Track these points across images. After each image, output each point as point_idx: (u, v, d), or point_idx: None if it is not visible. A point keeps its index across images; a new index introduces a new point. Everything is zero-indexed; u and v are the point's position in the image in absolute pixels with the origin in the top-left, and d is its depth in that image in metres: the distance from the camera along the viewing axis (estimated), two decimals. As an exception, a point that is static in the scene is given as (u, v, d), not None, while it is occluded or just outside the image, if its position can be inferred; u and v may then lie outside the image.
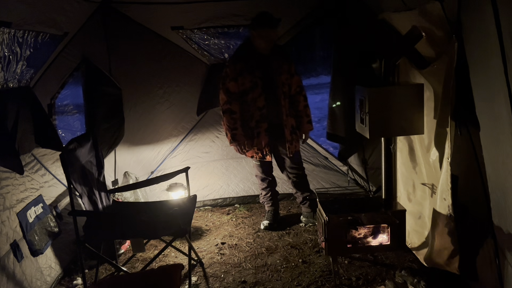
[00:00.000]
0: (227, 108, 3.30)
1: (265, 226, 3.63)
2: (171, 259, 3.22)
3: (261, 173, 3.62)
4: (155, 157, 4.15)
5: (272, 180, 3.68)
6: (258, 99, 3.27)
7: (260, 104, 3.27)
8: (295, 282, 2.79)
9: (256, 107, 3.28)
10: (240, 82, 3.26)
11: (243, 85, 3.27)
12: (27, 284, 2.48)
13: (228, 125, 3.33)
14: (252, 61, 3.25)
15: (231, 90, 3.29)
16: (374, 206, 2.90)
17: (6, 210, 2.46)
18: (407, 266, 2.83)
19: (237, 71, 3.26)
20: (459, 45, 2.02)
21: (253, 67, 3.25)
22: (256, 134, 3.33)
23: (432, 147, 2.58)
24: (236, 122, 3.31)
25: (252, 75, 3.24)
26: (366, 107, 2.66)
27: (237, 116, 3.30)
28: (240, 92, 3.29)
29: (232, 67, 3.27)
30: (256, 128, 3.32)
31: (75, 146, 2.57)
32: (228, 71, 3.28)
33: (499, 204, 1.95)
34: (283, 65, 3.31)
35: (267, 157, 3.43)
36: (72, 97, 3.45)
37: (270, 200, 3.70)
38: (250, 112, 3.31)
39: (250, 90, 3.26)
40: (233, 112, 3.30)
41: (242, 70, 3.25)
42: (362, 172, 3.96)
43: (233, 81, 3.27)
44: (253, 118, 3.31)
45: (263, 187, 3.68)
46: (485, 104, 1.95)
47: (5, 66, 2.31)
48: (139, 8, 3.44)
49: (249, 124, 3.34)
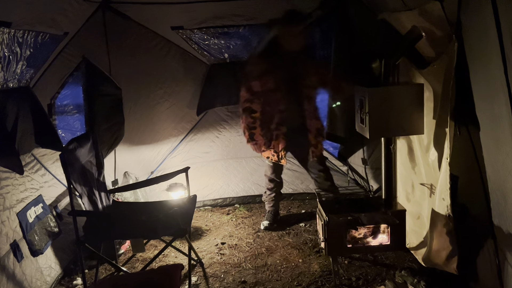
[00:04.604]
0: (247, 107, 3.22)
1: (265, 226, 3.63)
2: (171, 259, 3.22)
3: (270, 174, 3.59)
4: (155, 157, 4.15)
5: (280, 182, 3.67)
6: (280, 101, 3.17)
7: (281, 107, 3.18)
8: (295, 282, 2.79)
9: (277, 109, 3.19)
10: (264, 81, 3.15)
11: (266, 85, 3.15)
12: (27, 284, 2.48)
13: (247, 124, 3.25)
14: (278, 61, 3.11)
15: (253, 88, 3.17)
16: (374, 206, 2.89)
17: (6, 210, 2.46)
18: (407, 266, 2.83)
19: (262, 69, 3.14)
20: (459, 45, 2.02)
21: (278, 67, 3.11)
22: (275, 136, 3.26)
23: (431, 147, 2.58)
24: (255, 121, 3.22)
25: (277, 75, 3.12)
26: (366, 107, 2.66)
27: (257, 115, 3.21)
28: (263, 92, 3.18)
29: (257, 65, 3.16)
30: (275, 130, 3.24)
31: (75, 146, 2.57)
32: (252, 68, 3.17)
33: (499, 204, 1.95)
34: (309, 67, 3.17)
35: (282, 161, 3.37)
36: (72, 97, 3.44)
37: (272, 201, 3.69)
38: (271, 114, 3.22)
39: (273, 91, 3.15)
40: (253, 111, 3.21)
41: (267, 69, 3.13)
42: (362, 172, 3.96)
43: (256, 80, 3.15)
44: (273, 120, 3.22)
45: (269, 187, 3.66)
46: (485, 104, 1.95)
47: (5, 66, 2.31)
48: (139, 8, 3.44)
49: (269, 126, 3.25)
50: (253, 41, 3.87)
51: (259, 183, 4.25)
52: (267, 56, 3.16)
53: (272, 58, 3.13)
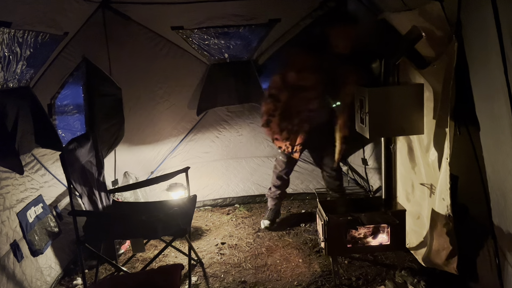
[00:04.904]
0: (274, 94, 3.14)
1: (266, 226, 3.63)
2: (171, 259, 3.22)
3: (280, 171, 3.55)
4: (155, 157, 4.15)
5: (287, 180, 3.65)
6: (312, 102, 3.09)
7: (311, 107, 3.10)
8: (295, 282, 2.79)
9: (306, 108, 3.11)
10: (302, 77, 3.03)
11: (303, 81, 3.03)
12: (27, 284, 2.48)
13: (268, 109, 3.18)
14: (324, 61, 2.99)
15: (288, 79, 3.08)
16: (374, 206, 2.90)
17: (6, 210, 2.46)
18: (407, 266, 2.83)
19: (304, 64, 3.03)
20: (459, 45, 2.02)
21: (321, 68, 3.00)
22: (295, 131, 3.22)
23: (431, 147, 2.58)
24: (277, 109, 3.14)
25: (317, 75, 3.00)
26: (366, 107, 2.66)
27: (281, 105, 3.12)
28: (296, 86, 3.05)
29: (301, 58, 3.06)
30: (297, 125, 3.19)
31: (75, 146, 2.57)
32: (295, 59, 3.08)
33: (499, 204, 1.95)
34: (351, 75, 2.96)
35: (295, 154, 3.34)
36: (72, 97, 3.43)
37: (277, 199, 3.67)
38: (298, 109, 3.14)
39: (308, 89, 3.04)
40: (278, 100, 3.13)
41: (310, 65, 3.01)
42: (362, 172, 3.96)
43: (295, 72, 3.05)
44: (298, 116, 3.16)
45: (276, 184, 3.63)
46: (485, 104, 1.95)
47: (5, 66, 2.31)
48: (139, 8, 3.44)
49: (292, 120, 3.17)
50: (253, 41, 3.87)
51: (259, 183, 4.26)
52: (314, 54, 3.05)
53: (317, 57, 3.03)
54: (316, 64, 3.00)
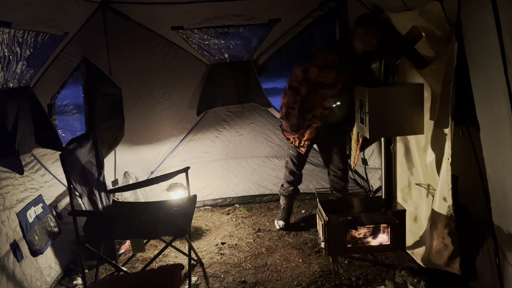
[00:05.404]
0: (295, 86, 3.11)
1: (281, 226, 3.60)
2: (171, 259, 3.22)
3: (292, 166, 3.53)
4: (155, 157, 4.15)
5: (300, 176, 3.62)
6: (329, 100, 3.09)
7: (327, 105, 3.10)
8: (295, 282, 2.79)
9: (322, 105, 3.12)
10: (323, 73, 3.02)
11: (323, 78, 3.02)
12: (27, 284, 2.48)
13: (287, 101, 3.16)
14: (346, 61, 3.00)
15: (309, 73, 3.04)
16: (374, 206, 2.90)
17: (6, 210, 2.46)
18: (407, 266, 2.82)
19: (326, 61, 3.02)
20: (459, 45, 2.02)
21: (343, 67, 3.00)
22: (306, 126, 3.22)
23: (428, 148, 2.58)
24: (296, 102, 3.12)
25: (338, 74, 3.01)
26: (366, 107, 2.66)
27: (300, 98, 3.11)
28: (316, 82, 3.05)
29: (324, 55, 3.05)
30: (309, 120, 3.19)
31: (75, 146, 2.57)
32: (318, 55, 3.07)
33: (499, 204, 1.95)
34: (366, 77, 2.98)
35: (301, 149, 3.33)
36: (72, 97, 3.44)
37: (290, 195, 3.64)
38: (313, 105, 3.14)
39: (326, 87, 3.05)
40: (298, 93, 3.11)
41: (332, 63, 3.01)
42: (362, 172, 3.96)
43: (316, 68, 3.02)
44: (311, 111, 3.15)
45: (289, 180, 3.60)
46: (485, 104, 1.95)
47: (5, 66, 2.31)
48: (139, 8, 3.44)
49: (305, 114, 3.18)
50: (253, 41, 3.88)
51: (259, 183, 4.26)
52: (338, 52, 3.05)
53: (341, 56, 3.02)
54: (338, 63, 3.00)
